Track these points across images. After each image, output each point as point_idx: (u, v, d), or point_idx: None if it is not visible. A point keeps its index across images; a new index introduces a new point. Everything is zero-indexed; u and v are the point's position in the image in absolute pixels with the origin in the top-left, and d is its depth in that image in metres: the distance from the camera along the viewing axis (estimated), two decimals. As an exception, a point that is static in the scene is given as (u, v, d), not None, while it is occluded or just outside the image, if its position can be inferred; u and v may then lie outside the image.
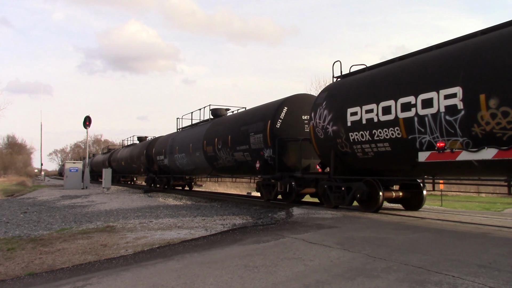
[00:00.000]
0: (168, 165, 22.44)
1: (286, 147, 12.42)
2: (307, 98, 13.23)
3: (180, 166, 20.93)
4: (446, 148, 7.49)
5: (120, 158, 34.84)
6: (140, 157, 27.75)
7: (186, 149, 19.52)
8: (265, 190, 13.67)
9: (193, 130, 19.90)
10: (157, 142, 25.19)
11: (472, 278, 3.82)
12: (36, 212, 13.81)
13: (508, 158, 6.53)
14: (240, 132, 14.30)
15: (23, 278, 5.29)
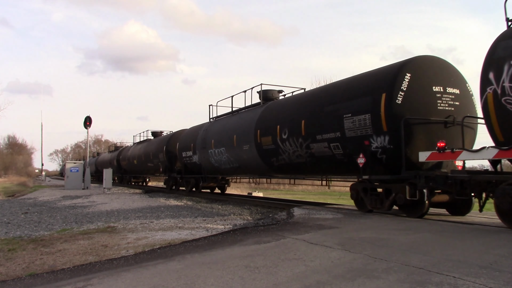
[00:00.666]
0: (198, 163, 18.36)
1: (412, 134, 8.54)
2: (437, 62, 9.32)
3: (216, 164, 16.72)
4: (446, 148, 7.48)
5: (131, 156, 30.66)
6: (158, 155, 23.62)
7: (228, 142, 15.17)
8: (370, 199, 9.50)
9: (236, 118, 15.59)
10: (182, 136, 21.13)
11: (473, 279, 3.82)
12: (37, 213, 13.82)
13: (508, 158, 6.53)
14: (323, 115, 10.38)
15: (24, 278, 5.29)
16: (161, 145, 23.57)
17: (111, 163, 37.24)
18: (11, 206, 17.05)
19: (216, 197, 18.24)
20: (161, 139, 24.78)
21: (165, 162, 22.88)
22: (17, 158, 71.08)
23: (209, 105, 18.58)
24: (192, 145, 18.77)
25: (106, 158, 42.15)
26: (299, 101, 12.09)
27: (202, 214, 11.96)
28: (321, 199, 18.32)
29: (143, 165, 27.45)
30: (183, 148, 20.03)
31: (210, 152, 16.75)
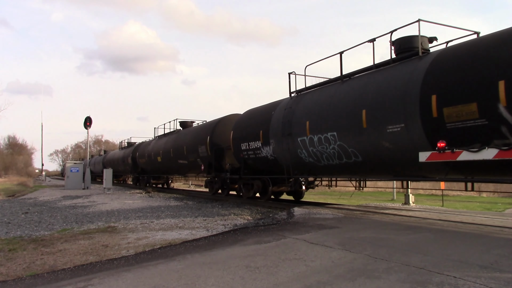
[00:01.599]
0: (272, 157, 12.93)
1: None
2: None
3: (311, 159, 11.24)
4: (447, 148, 7.48)
5: (153, 151, 24.90)
6: (198, 148, 18.24)
7: (344, 123, 9.78)
8: None
9: (360, 82, 9.91)
10: (238, 122, 15.64)
11: (474, 279, 3.82)
12: (37, 213, 13.83)
13: (508, 158, 6.53)
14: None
15: (25, 278, 5.30)
16: (203, 135, 18.08)
17: (124, 161, 32.11)
18: (12, 206, 17.06)
19: (217, 197, 18.19)
20: (202, 128, 19.05)
21: (209, 158, 17.27)
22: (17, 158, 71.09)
23: (289, 73, 12.67)
24: (262, 132, 13.27)
25: (118, 156, 35.94)
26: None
27: (202, 214, 11.96)
28: (321, 199, 18.32)
29: (172, 163, 21.95)
30: (241, 137, 14.68)
31: (301, 141, 11.21)
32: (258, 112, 14.52)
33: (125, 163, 32.11)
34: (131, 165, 30.19)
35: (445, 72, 7.65)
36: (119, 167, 34.58)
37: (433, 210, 11.82)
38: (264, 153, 13.40)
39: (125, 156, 32.54)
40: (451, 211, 11.46)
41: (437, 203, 17.73)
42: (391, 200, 20.61)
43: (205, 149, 17.63)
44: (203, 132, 18.47)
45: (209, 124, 18.78)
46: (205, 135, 17.90)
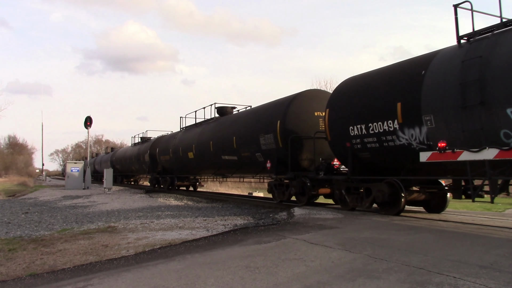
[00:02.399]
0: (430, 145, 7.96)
1: None
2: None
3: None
4: (447, 148, 7.47)
5: (181, 146, 20.10)
6: (259, 139, 13.17)
7: None
8: None
9: None
10: (343, 91, 10.56)
11: (473, 279, 3.82)
12: (38, 213, 13.83)
13: (508, 158, 6.52)
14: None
15: (24, 278, 5.30)
16: (267, 120, 13.05)
17: (138, 158, 27.50)
18: (12, 206, 17.07)
19: (217, 197, 18.20)
20: (265, 111, 13.79)
21: (279, 152, 12.38)
22: (18, 158, 71.14)
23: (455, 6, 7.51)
24: (400, 105, 8.33)
25: (130, 153, 31.07)
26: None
27: (202, 214, 11.96)
28: (321, 199, 18.28)
29: (212, 159, 16.89)
30: (350, 117, 9.73)
31: None
32: (384, 74, 9.41)
33: (140, 161, 27.23)
34: (150, 164, 25.46)
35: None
36: (132, 166, 30.24)
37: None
38: (403, 139, 8.42)
39: (139, 153, 27.45)
40: (451, 211, 11.45)
41: (437, 203, 17.69)
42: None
43: (272, 139, 12.56)
44: (267, 115, 13.29)
45: (278, 104, 13.14)
46: (272, 119, 12.73)
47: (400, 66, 9.19)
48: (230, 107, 18.00)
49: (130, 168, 31.90)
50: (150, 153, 24.80)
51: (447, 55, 7.90)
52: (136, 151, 28.85)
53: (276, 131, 12.34)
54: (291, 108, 12.20)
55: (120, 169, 34.78)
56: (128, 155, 31.47)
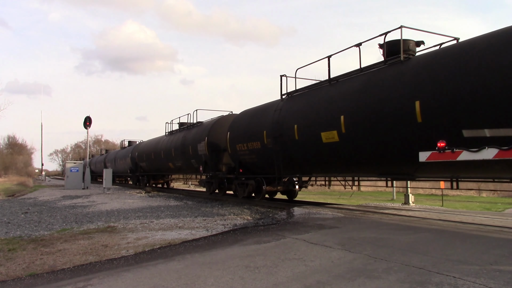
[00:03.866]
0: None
1: None
2: None
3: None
4: (447, 148, 7.48)
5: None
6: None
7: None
8: None
9: None
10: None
11: (473, 279, 3.82)
12: (37, 213, 13.82)
13: (508, 158, 6.53)
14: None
15: (24, 278, 5.29)
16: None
17: (176, 150, 20.73)
18: (11, 206, 17.06)
19: (217, 197, 18.20)
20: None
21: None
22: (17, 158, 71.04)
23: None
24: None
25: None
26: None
27: (202, 214, 11.96)
28: (321, 199, 18.30)
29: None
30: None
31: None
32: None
33: (178, 156, 22.70)
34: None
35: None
36: (170, 163, 27.32)
37: (433, 210, 11.82)
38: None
39: (177, 143, 22.73)
40: (451, 211, 11.46)
41: (437, 203, 17.72)
42: (391, 200, 20.61)
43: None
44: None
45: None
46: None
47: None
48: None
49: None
50: (191, 145, 18.54)
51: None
52: (173, 140, 21.52)
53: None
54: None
55: (148, 169, 27.11)
56: (147, 149, 25.87)
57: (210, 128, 17.40)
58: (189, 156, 19.19)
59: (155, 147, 25.00)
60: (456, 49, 7.95)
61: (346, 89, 10.00)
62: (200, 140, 17.87)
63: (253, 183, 14.06)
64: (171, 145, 21.77)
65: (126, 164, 31.35)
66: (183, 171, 22.21)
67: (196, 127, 19.61)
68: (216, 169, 17.04)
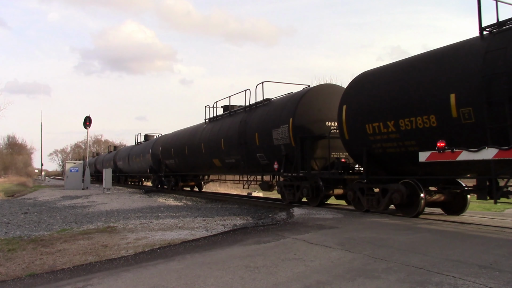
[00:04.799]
0: None
1: None
2: None
3: None
4: (447, 148, 7.48)
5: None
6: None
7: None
8: None
9: None
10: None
11: (473, 279, 3.82)
12: (37, 213, 13.82)
13: (508, 158, 6.53)
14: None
15: (24, 278, 5.29)
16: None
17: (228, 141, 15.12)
18: (11, 206, 17.05)
19: (216, 197, 18.19)
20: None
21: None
22: (17, 158, 71.01)
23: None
24: None
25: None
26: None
27: (202, 214, 11.96)
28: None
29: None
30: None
31: None
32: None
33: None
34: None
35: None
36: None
37: (433, 210, 11.82)
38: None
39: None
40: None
41: (437, 203, 17.69)
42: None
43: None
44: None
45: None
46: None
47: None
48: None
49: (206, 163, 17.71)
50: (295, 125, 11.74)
51: None
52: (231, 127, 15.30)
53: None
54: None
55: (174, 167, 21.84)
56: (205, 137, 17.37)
57: (298, 103, 11.58)
58: (253, 149, 13.44)
59: (190, 139, 19.00)
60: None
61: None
62: (277, 124, 12.14)
63: (403, 190, 8.50)
64: (219, 135, 15.85)
65: (145, 162, 25.87)
66: (239, 169, 15.15)
67: (263, 106, 13.83)
68: (304, 166, 11.39)
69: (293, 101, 12.01)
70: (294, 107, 11.70)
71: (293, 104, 11.91)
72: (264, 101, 14.00)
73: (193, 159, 18.83)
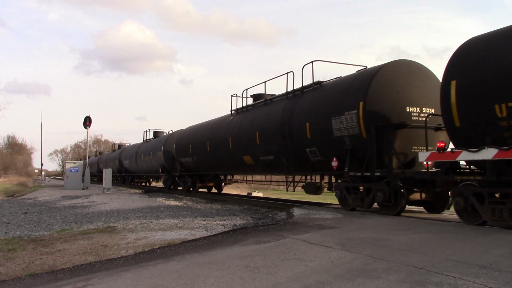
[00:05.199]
0: None
1: None
2: None
3: None
4: (447, 148, 7.48)
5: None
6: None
7: None
8: None
9: None
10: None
11: (473, 279, 3.82)
12: (37, 213, 13.82)
13: (508, 158, 6.52)
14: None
15: (24, 278, 5.29)
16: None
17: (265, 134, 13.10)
18: (11, 206, 17.05)
19: (216, 197, 18.18)
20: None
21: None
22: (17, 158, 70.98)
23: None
24: None
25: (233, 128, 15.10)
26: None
27: (201, 214, 11.96)
28: (320, 199, 18.29)
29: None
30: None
31: None
32: None
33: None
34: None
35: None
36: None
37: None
38: None
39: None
40: (451, 211, 11.45)
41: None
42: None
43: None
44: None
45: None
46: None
47: None
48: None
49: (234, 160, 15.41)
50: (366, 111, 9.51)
51: None
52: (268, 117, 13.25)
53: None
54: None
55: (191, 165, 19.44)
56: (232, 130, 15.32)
57: (371, 82, 9.33)
58: (301, 143, 11.31)
59: (213, 134, 16.82)
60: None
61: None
62: (338, 110, 9.93)
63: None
64: (252, 128, 13.74)
65: (156, 161, 23.71)
66: (278, 168, 13.06)
67: (313, 91, 11.63)
68: (380, 163, 9.14)
69: (363, 81, 9.65)
70: (365, 88, 9.32)
71: (363, 84, 9.52)
72: (315, 84, 11.66)
73: (217, 157, 16.47)
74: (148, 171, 26.30)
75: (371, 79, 9.39)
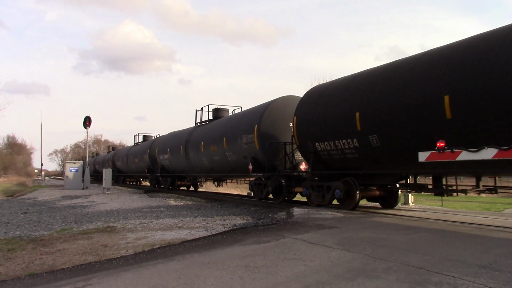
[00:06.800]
0: None
1: None
2: None
3: None
4: (446, 148, 7.49)
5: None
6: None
7: None
8: None
9: None
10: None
11: (473, 279, 3.82)
12: (37, 213, 13.82)
13: (508, 158, 6.53)
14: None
15: (24, 278, 5.29)
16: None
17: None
18: (11, 206, 17.05)
19: (216, 197, 18.18)
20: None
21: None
22: (17, 158, 71.02)
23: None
24: None
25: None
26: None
27: (201, 214, 11.96)
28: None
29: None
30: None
31: None
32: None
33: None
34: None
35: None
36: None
37: (432, 210, 11.83)
38: None
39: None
40: (450, 211, 11.46)
41: (437, 203, 17.71)
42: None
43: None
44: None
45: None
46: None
47: None
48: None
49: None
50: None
51: None
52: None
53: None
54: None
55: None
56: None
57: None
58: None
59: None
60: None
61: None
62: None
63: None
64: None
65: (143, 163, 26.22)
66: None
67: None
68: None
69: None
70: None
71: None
72: None
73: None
74: (137, 172, 29.51)
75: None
